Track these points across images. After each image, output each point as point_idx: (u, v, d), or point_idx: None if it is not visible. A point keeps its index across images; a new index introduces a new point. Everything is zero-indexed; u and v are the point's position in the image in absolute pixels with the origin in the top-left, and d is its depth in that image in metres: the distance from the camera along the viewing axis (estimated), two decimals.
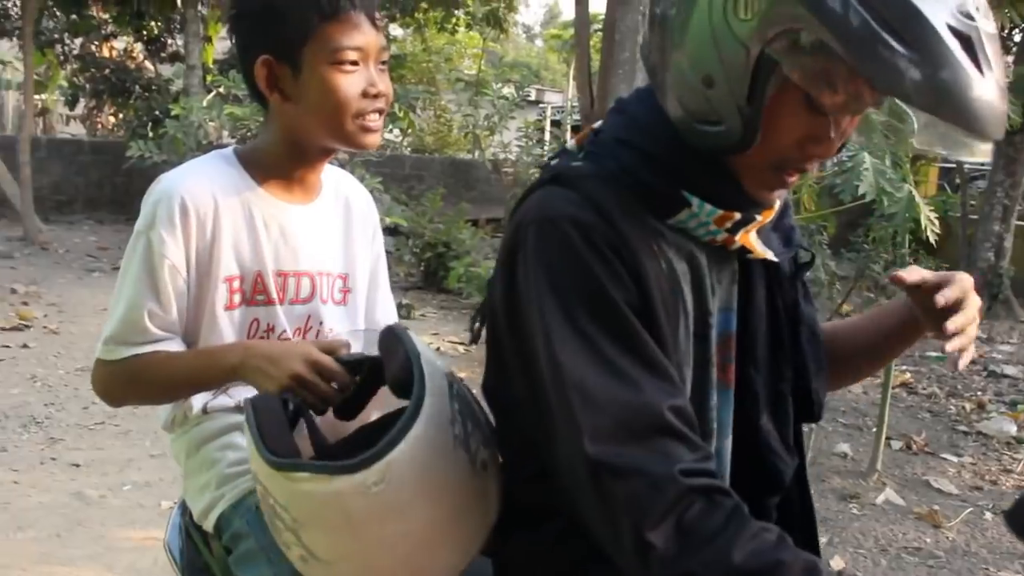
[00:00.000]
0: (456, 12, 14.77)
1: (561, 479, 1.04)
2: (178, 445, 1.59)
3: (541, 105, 18.22)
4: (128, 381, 1.46)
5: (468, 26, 15.94)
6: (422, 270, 9.42)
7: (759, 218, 1.15)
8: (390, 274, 6.90)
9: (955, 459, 5.39)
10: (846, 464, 5.14)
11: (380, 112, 1.47)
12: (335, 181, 1.62)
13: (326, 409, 1.35)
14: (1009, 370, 7.61)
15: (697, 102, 1.06)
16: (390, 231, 9.32)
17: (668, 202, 1.11)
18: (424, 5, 14.31)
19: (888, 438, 5.33)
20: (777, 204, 1.19)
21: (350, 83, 1.43)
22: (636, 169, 1.11)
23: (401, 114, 11.57)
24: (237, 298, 1.48)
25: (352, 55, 1.43)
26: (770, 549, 0.95)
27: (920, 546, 4.17)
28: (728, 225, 1.13)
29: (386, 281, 1.72)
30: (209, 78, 11.43)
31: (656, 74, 1.12)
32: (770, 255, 1.18)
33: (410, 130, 14.43)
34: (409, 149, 15.58)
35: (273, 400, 1.27)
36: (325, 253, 1.57)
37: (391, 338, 1.26)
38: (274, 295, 1.51)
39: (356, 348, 1.41)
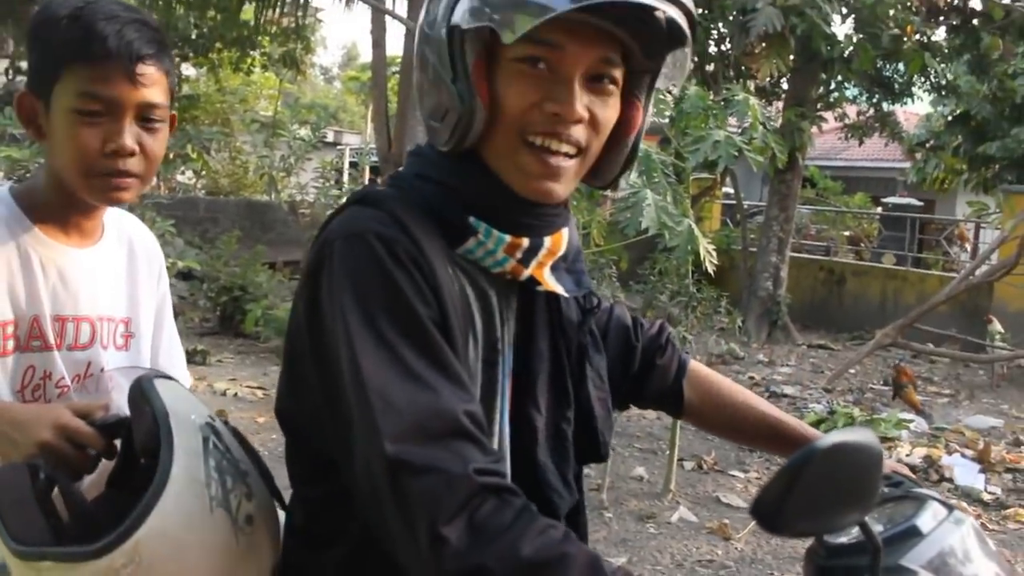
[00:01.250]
0: (252, 53, 14.52)
1: (357, 489, 1.05)
2: None
3: (339, 147, 18.09)
4: None
5: (264, 67, 15.70)
6: (218, 315, 9.13)
7: (547, 244, 1.19)
8: (185, 319, 6.60)
9: (742, 475, 5.71)
10: (642, 486, 5.34)
11: (127, 174, 1.37)
12: (118, 222, 1.55)
13: (80, 477, 1.27)
14: (788, 390, 8.15)
15: (430, 105, 1.16)
16: (184, 276, 9.00)
17: (458, 230, 1.15)
18: (219, 45, 14.00)
19: (680, 460, 5.59)
20: (565, 232, 1.22)
21: (87, 134, 1.34)
22: (429, 198, 1.16)
23: (195, 155, 11.26)
24: (11, 344, 1.40)
25: (94, 104, 1.34)
26: (557, 543, 0.98)
27: (712, 558, 4.39)
28: (518, 255, 1.17)
29: (171, 324, 1.66)
30: None
31: (419, 107, 1.21)
32: (560, 289, 1.22)
33: (204, 172, 14.03)
34: (204, 191, 15.12)
35: (19, 471, 1.17)
36: (106, 297, 1.50)
37: (138, 395, 1.19)
38: (52, 340, 1.43)
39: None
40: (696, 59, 11.76)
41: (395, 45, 15.57)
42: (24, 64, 12.32)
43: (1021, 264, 8.31)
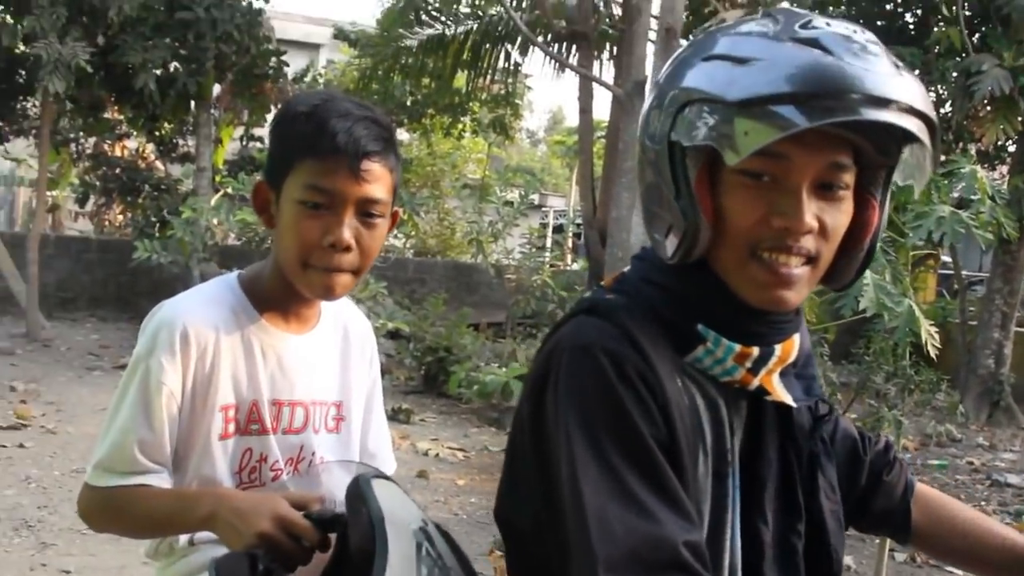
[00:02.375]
0: (463, 118, 15.11)
1: None
2: None
3: (544, 209, 18.49)
4: (109, 511, 1.45)
5: (474, 132, 16.29)
6: (423, 374, 9.40)
7: (777, 352, 1.16)
8: (391, 378, 6.83)
9: (959, 572, 5.30)
10: None
11: (341, 269, 1.42)
12: (334, 308, 1.61)
13: (295, 568, 1.30)
14: (1012, 479, 7.53)
15: (657, 222, 1.15)
16: (392, 335, 9.36)
17: (686, 338, 1.14)
18: (431, 111, 14.66)
19: (892, 550, 5.25)
20: (796, 339, 1.19)
21: (309, 226, 1.40)
22: (657, 305, 1.16)
23: (406, 217, 11.76)
24: (232, 427, 1.48)
25: (318, 197, 1.39)
26: None
27: None
28: (747, 364, 1.14)
29: (381, 408, 1.71)
30: (218, 179, 11.64)
31: (643, 217, 1.20)
32: (788, 399, 1.18)
33: (414, 234, 14.62)
34: (412, 252, 15.75)
35: (240, 560, 1.23)
36: (320, 382, 1.57)
37: (355, 497, 1.22)
38: (268, 424, 1.50)
39: (348, 479, 1.35)
40: None
41: (601, 110, 15.81)
42: (257, 131, 13.28)
43: None
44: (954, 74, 9.85)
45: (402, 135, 15.86)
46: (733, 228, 1.10)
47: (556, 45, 11.71)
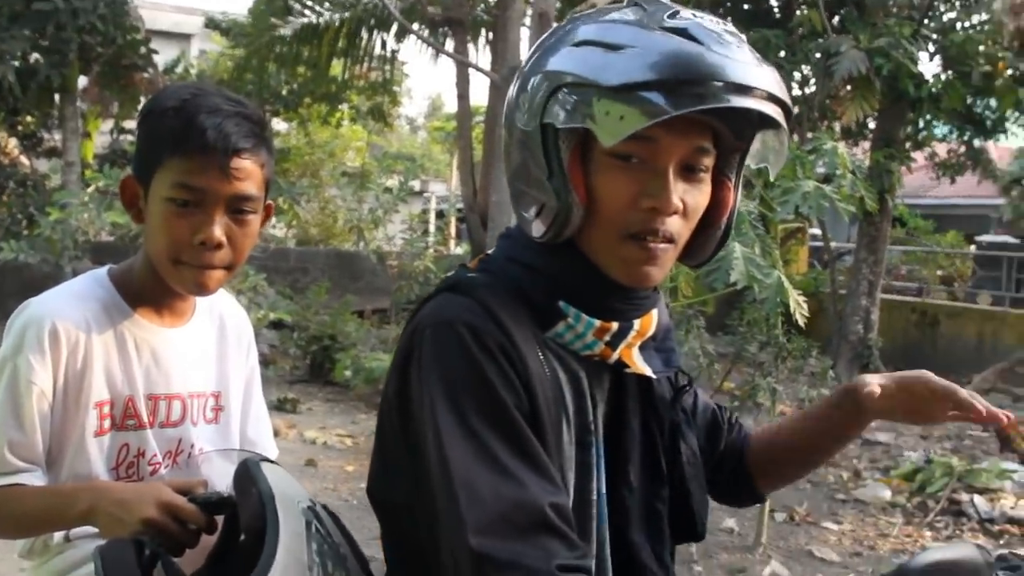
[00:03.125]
0: (340, 107, 14.92)
1: (447, 574, 1.08)
2: (39, 574, 1.52)
3: (425, 195, 18.43)
4: None
5: (352, 120, 16.10)
6: (308, 363, 9.33)
7: (636, 327, 1.21)
8: (276, 368, 6.73)
9: (835, 527, 5.58)
10: (733, 539, 5.27)
11: (213, 266, 1.41)
12: (210, 299, 1.59)
13: (182, 551, 1.31)
14: (882, 436, 7.94)
15: (525, 200, 1.18)
16: (275, 325, 9.23)
17: (547, 314, 1.17)
18: (308, 100, 14.43)
19: (772, 511, 5.50)
20: (654, 314, 1.24)
21: (178, 225, 1.39)
22: (520, 282, 1.19)
23: (286, 207, 11.57)
24: (107, 423, 1.45)
25: (188, 195, 1.37)
26: None
27: None
28: (607, 337, 1.19)
29: (260, 397, 1.71)
30: (88, 174, 11.23)
31: (511, 196, 1.23)
32: (648, 371, 1.23)
33: (295, 223, 14.40)
34: (294, 242, 15.51)
35: (125, 546, 1.22)
36: (197, 374, 1.56)
37: (245, 478, 1.23)
38: (145, 419, 1.48)
39: (229, 468, 1.37)
40: None
41: (479, 96, 15.83)
42: (127, 124, 12.82)
43: None
44: (816, 55, 10.26)
45: (279, 125, 15.55)
46: (604, 208, 1.14)
47: (431, 31, 11.70)
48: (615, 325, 1.19)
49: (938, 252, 17.12)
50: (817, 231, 13.68)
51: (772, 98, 1.09)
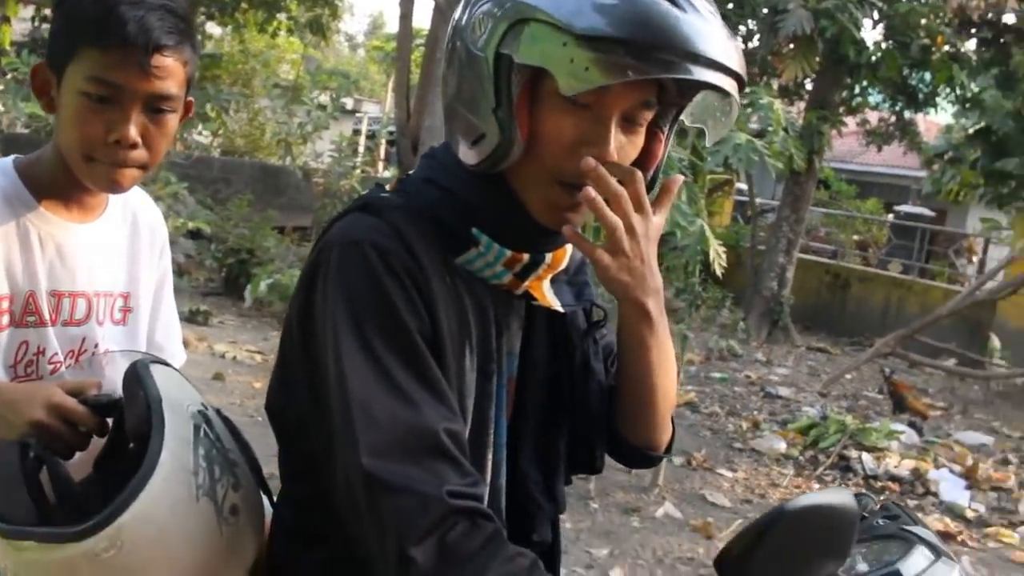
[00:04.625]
0: (278, 16, 14.48)
1: (338, 497, 1.08)
2: None
3: (358, 115, 18.10)
4: None
5: (290, 31, 15.66)
6: (223, 276, 9.16)
7: (547, 260, 1.20)
8: (190, 279, 6.61)
9: (730, 474, 5.76)
10: (630, 479, 5.40)
11: (127, 164, 1.35)
12: (124, 196, 1.52)
13: (72, 454, 1.28)
14: (783, 391, 8.19)
15: (464, 124, 1.16)
16: (193, 235, 9.06)
17: (460, 240, 1.16)
18: (244, 5, 13.97)
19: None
20: (568, 248, 1.23)
21: (92, 120, 1.33)
22: (436, 206, 1.18)
23: (214, 115, 11.28)
24: (5, 319, 1.39)
25: (104, 90, 1.31)
26: (522, 572, 1.01)
27: (693, 556, 4.45)
28: (517, 268, 1.18)
29: (171, 300, 1.67)
30: (4, 61, 10.75)
31: (445, 116, 1.21)
32: (557, 305, 1.22)
33: (221, 132, 14.05)
34: (219, 151, 15.14)
35: (9, 449, 1.19)
36: (105, 272, 1.50)
37: (132, 380, 1.20)
38: (47, 316, 1.42)
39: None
40: None
41: (422, 18, 15.52)
42: (49, 12, 12.29)
43: None
44: (763, 11, 10.30)
45: (213, 29, 15.06)
46: (543, 150, 1.12)
47: None
48: (526, 257, 1.19)
49: (857, 217, 17.52)
50: (744, 186, 13.88)
51: (733, 74, 1.08)
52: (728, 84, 1.08)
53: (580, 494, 4.99)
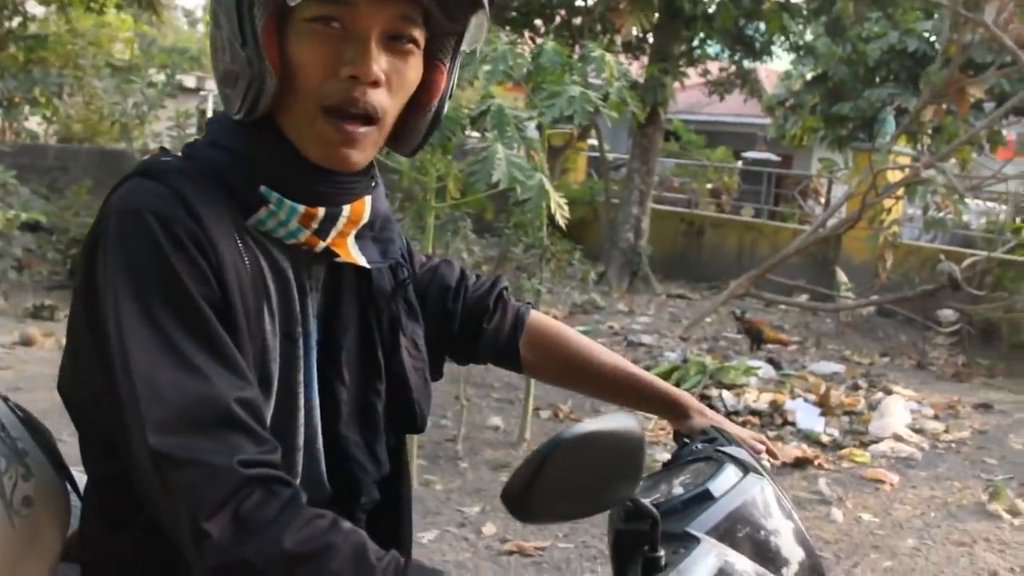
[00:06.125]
0: None
1: (134, 475, 1.03)
2: None
3: (202, 92, 17.51)
4: None
5: (118, 7, 14.94)
6: (68, 268, 8.76)
7: (345, 213, 1.16)
8: (32, 273, 6.28)
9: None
10: (498, 436, 5.44)
11: None
12: None
13: None
14: (646, 339, 8.39)
15: (221, 72, 1.13)
16: (31, 227, 8.60)
17: (249, 200, 1.12)
18: None
19: (537, 409, 5.72)
20: (368, 201, 1.20)
21: None
22: (221, 168, 1.13)
23: (43, 100, 10.67)
24: None
25: None
26: (321, 533, 0.98)
27: None
28: (313, 225, 1.14)
29: None
30: None
31: (216, 79, 1.16)
32: (361, 261, 1.19)
33: (55, 118, 13.35)
34: (56, 138, 14.39)
35: None
36: None
37: None
38: None
39: None
40: (563, 13, 11.83)
41: None
42: None
43: (864, 218, 8.72)
44: None
45: (35, 8, 14.23)
46: (301, 79, 1.09)
47: None
48: (321, 211, 1.14)
49: (708, 166, 18.02)
50: (596, 142, 14.09)
51: None
52: None
53: (449, 455, 5.00)
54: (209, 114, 14.41)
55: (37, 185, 9.36)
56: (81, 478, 1.27)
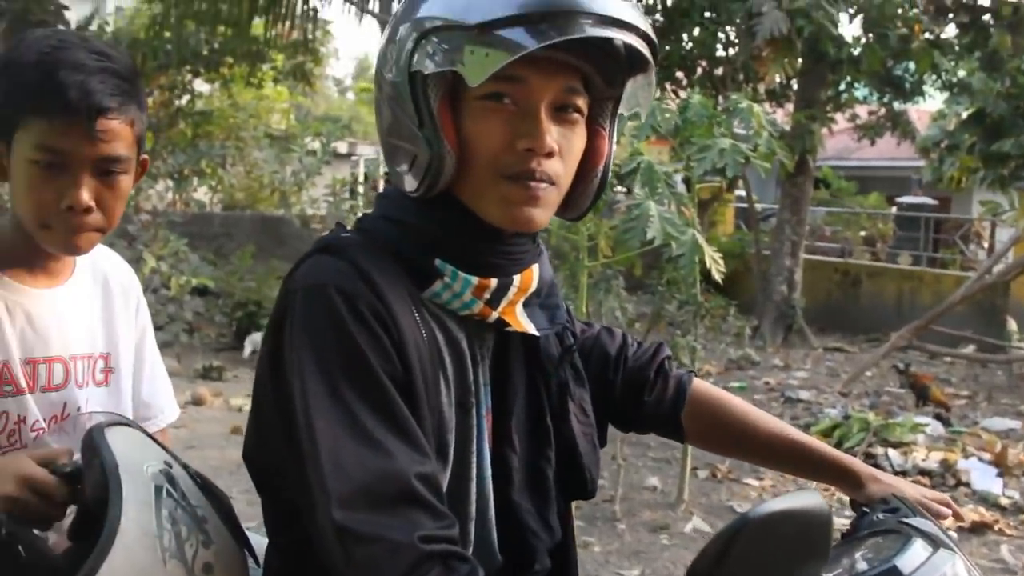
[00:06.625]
0: (262, 67, 14.59)
1: (318, 544, 1.06)
2: None
3: (354, 157, 18.17)
4: None
5: (275, 80, 15.77)
6: (233, 330, 9.17)
7: (516, 283, 1.18)
8: (201, 336, 6.57)
9: (757, 483, 5.69)
10: (656, 497, 5.33)
11: (83, 228, 1.35)
12: (91, 258, 1.52)
13: (50, 525, 1.26)
14: (803, 394, 8.11)
15: (398, 156, 1.16)
16: (200, 292, 9.07)
17: (424, 273, 1.15)
18: (230, 60, 14.09)
19: (694, 468, 5.58)
20: (535, 269, 1.22)
21: (44, 188, 1.32)
22: (396, 241, 1.17)
23: (209, 171, 11.32)
24: None
25: (51, 157, 1.31)
26: None
27: None
28: (486, 295, 1.17)
29: (154, 355, 1.66)
30: None
31: (384, 154, 1.21)
32: (531, 329, 1.21)
33: (219, 187, 14.11)
34: (220, 206, 15.21)
35: None
36: (80, 335, 1.49)
37: (89, 448, 1.18)
38: (23, 384, 1.41)
39: (120, 430, 1.29)
40: (705, 64, 11.76)
41: None
42: None
43: None
44: (739, 16, 10.31)
45: (201, 86, 15.16)
46: (479, 154, 1.12)
47: None
48: (494, 282, 1.17)
49: (860, 213, 17.47)
50: (744, 193, 13.86)
51: (637, 32, 1.09)
52: (631, 38, 1.09)
53: (606, 516, 4.93)
54: (360, 179, 14.95)
55: (205, 252, 9.89)
56: (255, 540, 1.30)
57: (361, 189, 12.76)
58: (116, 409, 1.53)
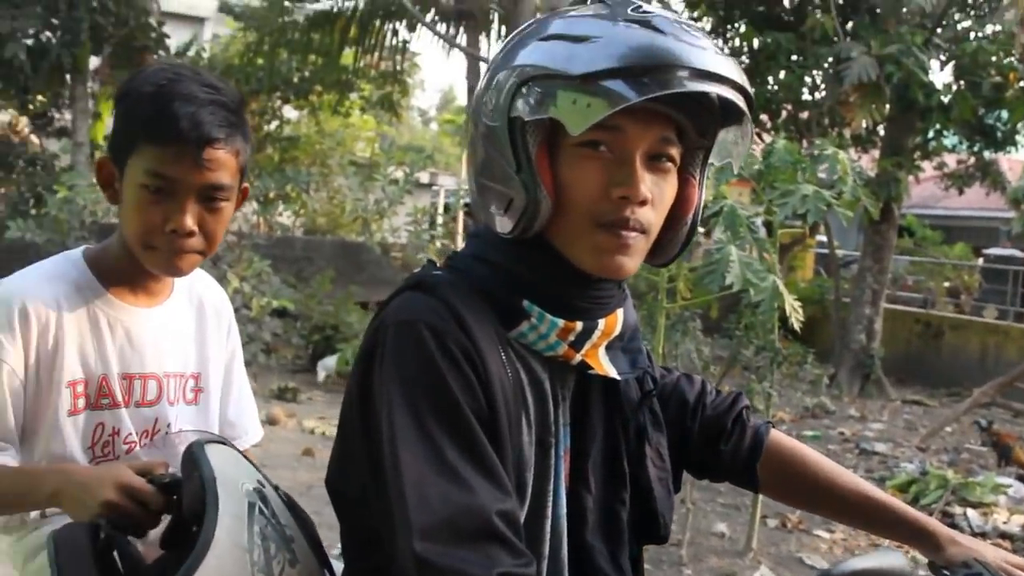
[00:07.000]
0: (350, 96, 14.91)
1: (397, 572, 1.08)
2: (16, 549, 1.53)
3: (435, 187, 18.39)
4: None
5: (362, 109, 16.08)
6: (310, 353, 9.34)
7: (601, 327, 1.21)
8: (278, 357, 6.68)
9: (827, 535, 5.57)
10: (723, 543, 5.26)
11: (185, 251, 1.43)
12: (188, 280, 1.61)
13: (145, 532, 1.32)
14: (879, 447, 7.93)
15: (491, 197, 1.18)
16: (279, 313, 9.24)
17: (511, 313, 1.18)
18: (319, 88, 14.43)
19: (764, 516, 5.49)
20: (620, 313, 1.24)
21: (151, 211, 1.41)
22: (485, 281, 1.20)
23: (294, 196, 11.56)
24: (81, 403, 1.47)
25: (160, 183, 1.39)
26: None
27: None
28: (570, 338, 1.19)
29: (242, 378, 1.72)
30: (97, 154, 11.23)
31: (477, 195, 1.24)
32: (612, 372, 1.22)
33: (303, 212, 14.40)
34: (302, 230, 15.51)
35: (79, 532, 1.23)
36: (174, 354, 1.57)
37: (188, 462, 1.23)
38: (120, 398, 1.49)
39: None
40: (790, 108, 11.67)
41: None
42: None
43: None
44: (827, 60, 10.23)
45: (290, 112, 15.54)
46: (574, 199, 1.14)
47: (444, 23, 11.68)
48: (579, 325, 1.19)
49: (945, 264, 17.07)
50: (824, 238, 13.65)
51: (733, 85, 1.11)
52: (729, 92, 1.11)
53: (673, 560, 4.87)
54: (440, 209, 15.13)
55: (286, 274, 10.07)
56: (334, 565, 1.34)
57: (441, 220, 12.91)
58: (203, 427, 1.60)
